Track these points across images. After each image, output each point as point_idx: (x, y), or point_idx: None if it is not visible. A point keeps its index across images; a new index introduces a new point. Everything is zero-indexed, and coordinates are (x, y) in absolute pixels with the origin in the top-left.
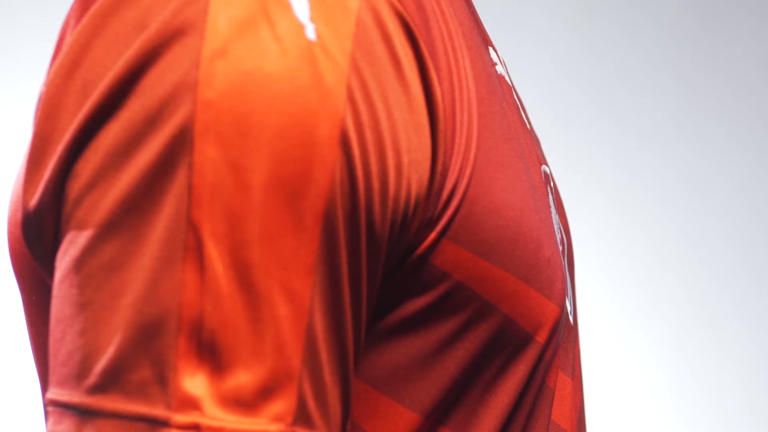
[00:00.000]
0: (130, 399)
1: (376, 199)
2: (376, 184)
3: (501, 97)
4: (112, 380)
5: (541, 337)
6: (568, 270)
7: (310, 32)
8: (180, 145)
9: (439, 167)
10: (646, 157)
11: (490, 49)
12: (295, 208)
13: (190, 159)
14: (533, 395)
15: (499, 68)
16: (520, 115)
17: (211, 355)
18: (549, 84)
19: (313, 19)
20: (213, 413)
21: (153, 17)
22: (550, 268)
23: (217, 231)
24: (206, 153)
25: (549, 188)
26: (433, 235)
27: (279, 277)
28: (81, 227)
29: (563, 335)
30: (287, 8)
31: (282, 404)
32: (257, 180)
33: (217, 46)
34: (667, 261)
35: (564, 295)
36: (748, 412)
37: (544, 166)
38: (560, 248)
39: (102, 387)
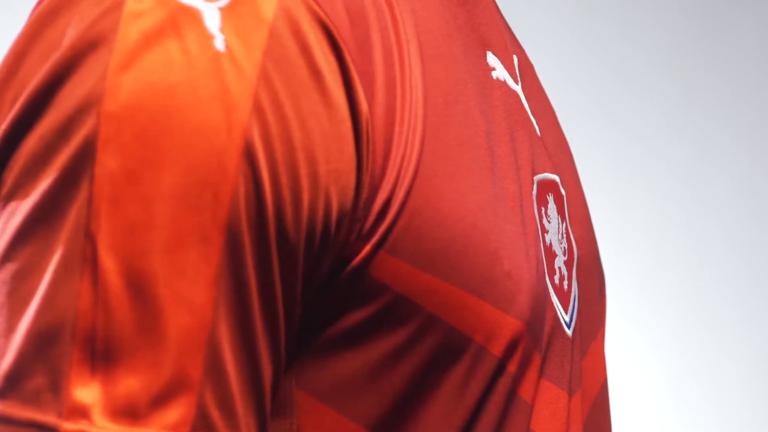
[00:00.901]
0: (24, 405)
1: (288, 209)
2: (286, 194)
3: (473, 104)
4: (10, 386)
5: (497, 350)
6: (580, 281)
7: (219, 43)
8: (84, 158)
9: (367, 178)
10: (645, 157)
11: (489, 54)
12: (196, 219)
13: (92, 171)
14: (499, 408)
15: (497, 73)
16: (521, 120)
17: (105, 364)
18: (549, 84)
19: (223, 30)
20: (101, 422)
21: (74, 28)
22: (510, 282)
23: (114, 242)
24: (107, 165)
25: (549, 197)
26: (368, 248)
27: (178, 289)
28: (2, 234)
29: (555, 348)
30: (198, 20)
31: (176, 413)
32: (157, 191)
33: (124, 59)
34: (667, 261)
35: (531, 308)
36: (748, 412)
37: (544, 175)
38: (563, 258)
39: (2, 392)
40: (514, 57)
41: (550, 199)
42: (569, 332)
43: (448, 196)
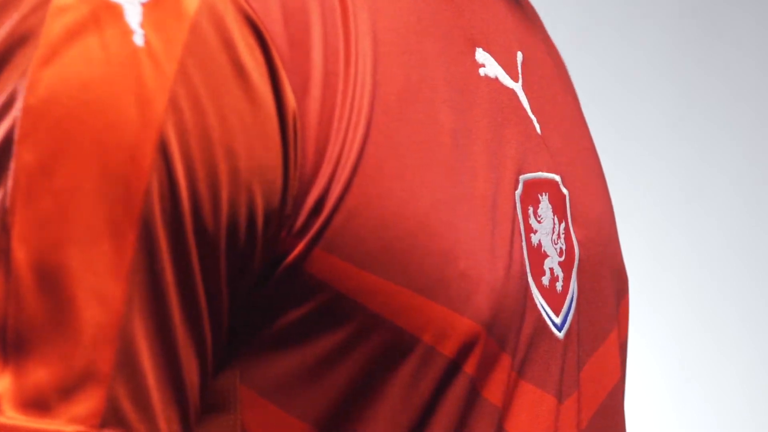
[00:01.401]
0: None
1: (205, 204)
2: (203, 188)
3: (441, 102)
4: None
5: (448, 351)
6: (583, 282)
7: (138, 38)
8: (5, 152)
9: (295, 174)
10: (645, 158)
11: (479, 50)
12: (109, 213)
13: (9, 165)
14: (457, 409)
15: (486, 70)
16: (513, 118)
17: (16, 355)
18: None
19: (143, 25)
20: (10, 413)
21: (8, 23)
22: (465, 282)
23: (26, 235)
24: (23, 158)
25: (543, 197)
26: (302, 245)
27: (90, 281)
28: None
29: (540, 350)
30: (119, 15)
31: (85, 406)
32: (71, 185)
33: (46, 53)
34: (667, 261)
35: (491, 308)
36: (748, 412)
37: (537, 174)
38: (558, 259)
39: None
40: (519, 54)
41: (544, 198)
42: (560, 334)
43: (395, 194)
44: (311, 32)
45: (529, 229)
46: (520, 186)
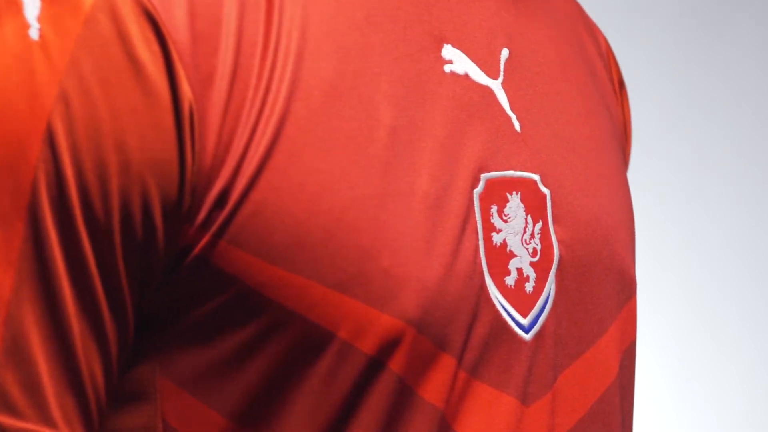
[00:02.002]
0: None
1: (95, 196)
2: (92, 180)
3: (381, 98)
4: None
5: (367, 348)
6: (566, 283)
7: (34, 32)
8: None
9: (192, 167)
10: (645, 158)
11: (448, 47)
12: None
13: None
14: (384, 407)
15: (453, 66)
16: (483, 116)
17: None
18: None
19: (40, 19)
20: None
21: None
22: (388, 279)
23: None
24: None
25: (513, 195)
26: (207, 237)
27: None
28: None
29: (500, 350)
30: (18, 9)
31: None
32: None
33: None
34: (667, 261)
35: (422, 307)
36: (748, 412)
37: (508, 172)
38: (530, 259)
39: None
40: (504, 51)
41: (514, 197)
42: (526, 336)
43: (310, 189)
44: (222, 27)
45: (491, 228)
46: (482, 184)
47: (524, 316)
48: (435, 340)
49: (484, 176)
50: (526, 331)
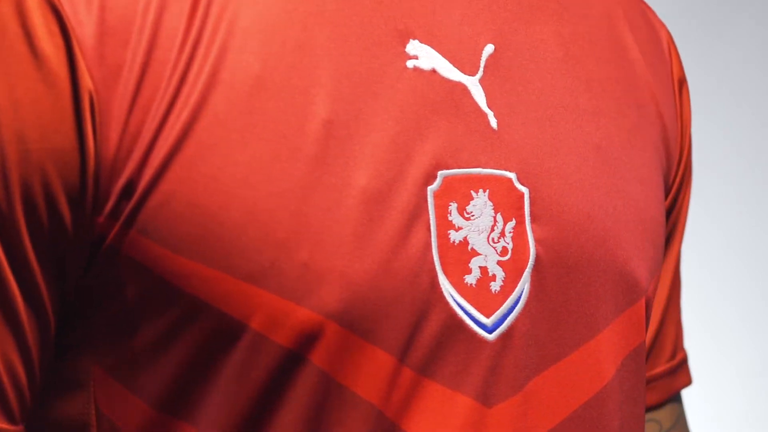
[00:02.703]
0: None
1: None
2: None
3: (316, 93)
4: None
5: (283, 340)
6: (545, 284)
7: None
8: None
9: (96, 157)
10: None
11: (415, 42)
12: None
13: None
14: (309, 400)
15: (419, 62)
16: (449, 112)
17: None
18: None
19: None
20: None
21: None
22: (306, 272)
23: None
24: None
25: (478, 194)
26: (117, 228)
27: None
28: None
29: (457, 349)
30: None
31: None
32: None
33: None
34: None
35: (346, 301)
36: (748, 412)
37: (475, 170)
38: (497, 258)
39: None
40: (489, 46)
41: (480, 195)
42: (488, 336)
43: (223, 181)
44: (135, 20)
45: (448, 226)
46: (438, 181)
47: (487, 315)
48: (365, 335)
49: (441, 173)
50: (489, 331)
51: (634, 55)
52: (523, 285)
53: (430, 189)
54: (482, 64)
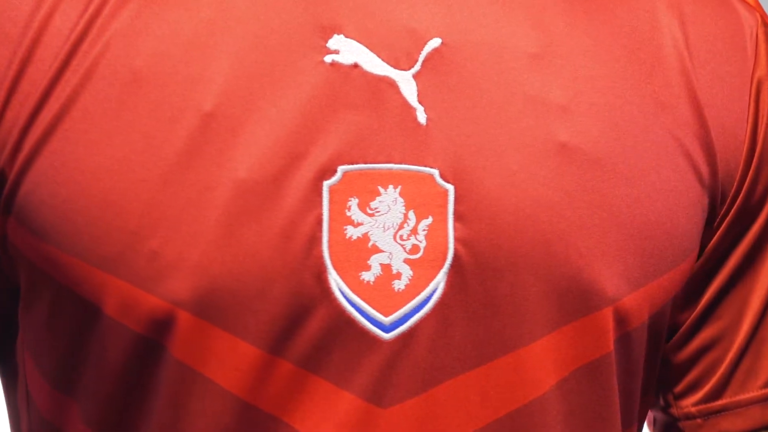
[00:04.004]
0: None
1: None
2: None
3: (205, 88)
4: None
5: (137, 327)
6: (467, 285)
7: None
8: None
9: None
10: None
11: (339, 37)
12: None
13: None
14: (171, 389)
15: (339, 57)
16: (367, 106)
17: None
18: None
19: None
20: None
21: None
22: (157, 261)
23: None
24: None
25: (387, 190)
26: (1, 217)
27: None
28: None
29: (347, 347)
30: None
31: None
32: None
33: None
34: None
35: (199, 291)
36: None
37: (385, 165)
38: (404, 256)
39: None
40: (433, 41)
41: (389, 191)
42: (385, 335)
43: (84, 171)
44: (18, 23)
45: (345, 221)
46: (337, 176)
47: (386, 314)
48: (224, 326)
49: (341, 168)
50: (386, 330)
51: (668, 51)
52: (436, 285)
53: (326, 183)
54: (421, 58)
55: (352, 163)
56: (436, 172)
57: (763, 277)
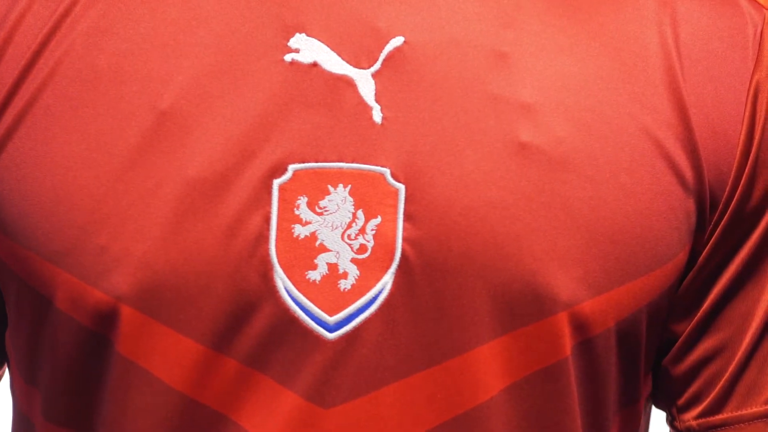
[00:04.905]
0: None
1: None
2: None
3: (162, 87)
4: None
5: (84, 320)
6: (414, 286)
7: None
8: None
9: None
10: None
11: (301, 36)
12: None
13: None
14: (117, 383)
15: (299, 56)
16: (324, 104)
17: None
18: None
19: None
20: None
21: None
22: (103, 256)
23: None
24: None
25: (337, 189)
26: None
27: None
28: None
29: (293, 346)
30: None
31: None
32: None
33: None
34: None
35: (140, 286)
36: None
37: (336, 164)
38: (351, 255)
39: None
40: (396, 39)
41: (339, 190)
42: (328, 335)
43: (41, 168)
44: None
45: (293, 220)
46: (288, 174)
47: (331, 314)
48: (167, 321)
49: (292, 167)
50: (330, 330)
51: (654, 50)
52: (383, 286)
53: (276, 182)
54: (381, 57)
55: (304, 162)
56: (387, 172)
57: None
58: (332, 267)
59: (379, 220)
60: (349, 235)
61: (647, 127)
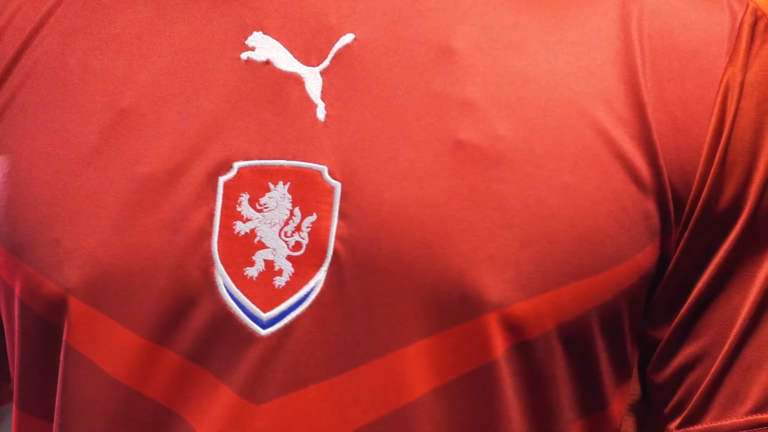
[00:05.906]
0: None
1: None
2: None
3: (124, 86)
4: None
5: (40, 310)
6: (345, 285)
7: None
8: None
9: None
10: None
11: (258, 34)
12: None
13: None
14: (64, 370)
15: (254, 54)
16: (273, 102)
17: None
18: None
19: None
20: None
21: None
22: (56, 249)
23: None
24: None
25: (278, 187)
26: None
27: None
28: None
29: (231, 341)
30: None
31: None
32: None
33: None
34: None
35: (88, 279)
36: None
37: (277, 161)
38: (287, 252)
39: None
40: (346, 37)
41: (279, 188)
42: (261, 331)
43: (10, 165)
44: None
45: (235, 217)
46: (232, 172)
47: (264, 310)
48: (111, 314)
49: (237, 164)
50: (263, 326)
51: (616, 46)
52: (315, 283)
53: (221, 179)
54: (331, 54)
55: (248, 159)
56: (324, 169)
57: (749, 294)
58: (269, 264)
59: (314, 217)
60: (285, 232)
61: (599, 125)
